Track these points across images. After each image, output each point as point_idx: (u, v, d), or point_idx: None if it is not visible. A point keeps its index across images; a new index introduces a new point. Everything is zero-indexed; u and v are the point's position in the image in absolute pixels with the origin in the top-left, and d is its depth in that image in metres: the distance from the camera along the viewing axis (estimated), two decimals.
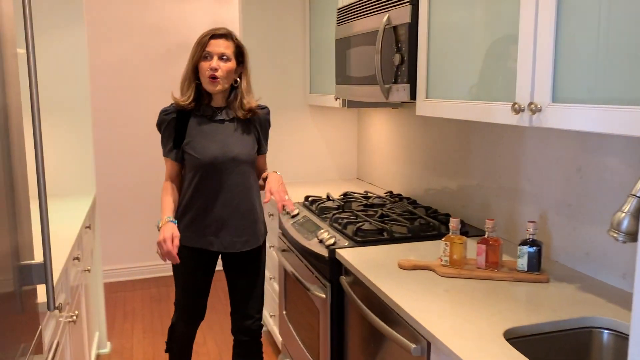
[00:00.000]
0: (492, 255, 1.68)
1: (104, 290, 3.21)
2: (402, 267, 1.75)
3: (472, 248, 1.92)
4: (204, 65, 2.03)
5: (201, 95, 2.11)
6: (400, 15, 1.96)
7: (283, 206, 2.01)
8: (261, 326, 2.27)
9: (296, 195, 2.89)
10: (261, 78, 3.27)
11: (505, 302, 1.48)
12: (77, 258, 2.29)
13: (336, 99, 2.74)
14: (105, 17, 4.10)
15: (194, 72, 2.07)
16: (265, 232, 2.27)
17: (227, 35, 2.07)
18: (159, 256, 1.96)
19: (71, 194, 3.00)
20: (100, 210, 4.20)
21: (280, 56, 3.29)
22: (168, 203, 2.08)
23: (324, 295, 2.03)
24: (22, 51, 2.16)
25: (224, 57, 2.03)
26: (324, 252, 2.01)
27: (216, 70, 2.02)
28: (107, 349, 3.21)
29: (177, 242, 1.94)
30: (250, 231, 2.16)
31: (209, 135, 2.08)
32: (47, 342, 1.59)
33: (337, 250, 1.96)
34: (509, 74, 1.46)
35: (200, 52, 2.03)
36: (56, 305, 1.75)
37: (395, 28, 1.99)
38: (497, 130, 2.10)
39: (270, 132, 2.96)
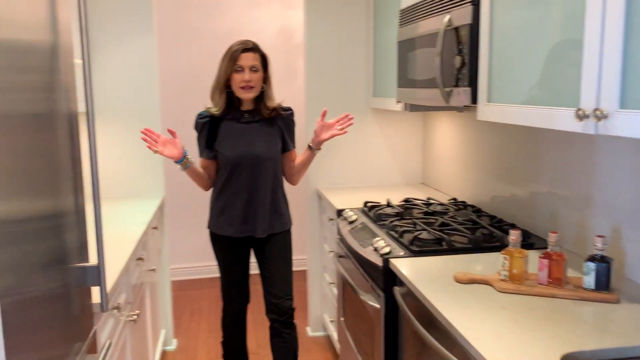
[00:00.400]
0: (555, 271, 1.57)
1: (171, 288, 3.32)
2: (458, 281, 1.67)
3: (536, 261, 1.80)
4: (237, 77, 2.30)
5: (231, 101, 2.38)
6: (462, 16, 1.87)
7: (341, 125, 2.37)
8: (291, 307, 2.48)
9: (356, 200, 2.85)
10: (324, 81, 3.26)
11: (567, 323, 1.37)
12: (141, 258, 2.37)
13: (398, 102, 2.68)
14: (178, 24, 4.24)
15: (225, 82, 2.33)
16: (289, 222, 2.51)
17: (254, 48, 2.33)
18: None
19: (141, 196, 3.12)
20: (170, 211, 4.34)
21: (343, 59, 3.26)
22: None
23: (377, 306, 1.98)
24: (79, 61, 2.25)
25: (254, 68, 2.31)
26: (378, 261, 1.96)
27: (250, 81, 2.30)
28: (173, 346, 3.31)
29: (163, 139, 2.27)
30: (271, 219, 2.42)
31: (237, 135, 2.37)
32: (103, 341, 1.65)
33: (391, 259, 1.91)
34: (573, 78, 1.35)
35: (233, 65, 2.29)
36: (114, 305, 1.82)
37: (456, 29, 1.91)
38: (567, 136, 1.96)
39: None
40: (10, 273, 0.99)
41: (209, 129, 2.37)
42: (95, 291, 1.51)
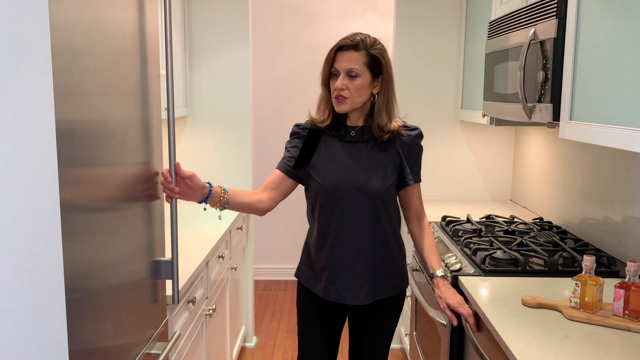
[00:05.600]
0: (633, 303, 1.46)
1: (256, 287, 3.45)
2: (525, 304, 1.61)
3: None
4: (332, 84, 1.74)
5: (338, 114, 1.80)
6: (547, 29, 1.80)
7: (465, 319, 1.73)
8: None
9: (437, 213, 2.81)
10: (412, 92, 3.24)
11: None
12: (222, 256, 2.50)
13: (484, 115, 2.61)
14: (275, 35, 4.42)
15: (327, 90, 1.78)
16: (404, 282, 1.87)
17: (357, 44, 1.71)
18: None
19: None
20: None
21: (433, 70, 3.23)
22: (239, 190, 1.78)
23: (444, 323, 1.94)
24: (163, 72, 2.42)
25: (352, 72, 1.70)
26: (447, 278, 1.93)
27: (342, 89, 1.71)
28: (252, 343, 3.44)
29: (178, 173, 1.56)
30: (375, 280, 1.78)
31: (337, 158, 1.77)
32: (176, 331, 1.77)
33: (460, 277, 1.87)
34: None
35: (328, 69, 1.75)
36: (189, 299, 1.94)
37: (542, 43, 1.84)
38: None
39: None
40: (85, 263, 1.11)
41: (305, 143, 1.81)
42: (170, 284, 1.62)
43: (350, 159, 1.77)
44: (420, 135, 1.83)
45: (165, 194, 1.57)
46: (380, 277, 1.79)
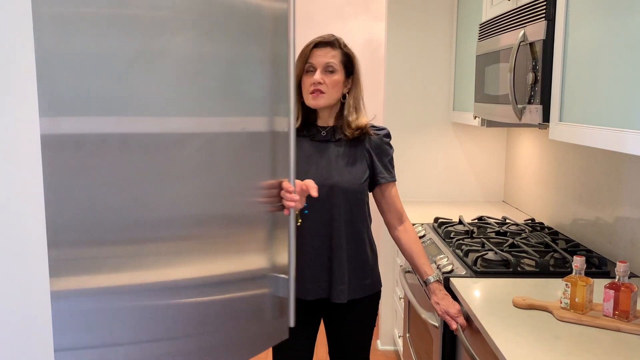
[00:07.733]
0: (622, 303, 1.47)
1: None
2: (516, 305, 1.61)
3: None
4: (307, 80, 1.74)
5: (308, 114, 1.81)
6: (536, 31, 1.81)
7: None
8: None
9: (430, 215, 2.81)
10: (405, 94, 3.25)
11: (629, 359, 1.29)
12: None
13: (475, 117, 2.62)
14: None
15: (297, 88, 1.76)
16: (377, 282, 1.87)
17: (333, 42, 1.77)
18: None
19: None
20: None
21: (425, 72, 3.23)
22: None
23: (436, 324, 1.95)
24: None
25: (329, 68, 1.74)
26: (441, 281, 1.93)
27: (320, 84, 1.72)
28: None
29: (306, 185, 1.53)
30: (350, 279, 1.78)
31: (310, 158, 1.77)
32: None
33: (451, 278, 1.87)
34: None
35: (303, 64, 1.75)
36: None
37: (531, 45, 1.85)
38: None
39: (412, 148, 2.81)
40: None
41: None
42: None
43: (322, 158, 1.78)
44: (388, 135, 1.86)
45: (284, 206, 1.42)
46: (353, 277, 1.79)
